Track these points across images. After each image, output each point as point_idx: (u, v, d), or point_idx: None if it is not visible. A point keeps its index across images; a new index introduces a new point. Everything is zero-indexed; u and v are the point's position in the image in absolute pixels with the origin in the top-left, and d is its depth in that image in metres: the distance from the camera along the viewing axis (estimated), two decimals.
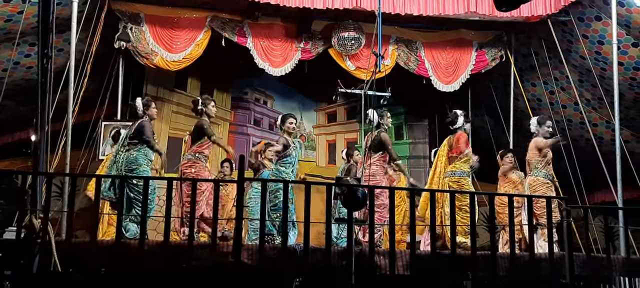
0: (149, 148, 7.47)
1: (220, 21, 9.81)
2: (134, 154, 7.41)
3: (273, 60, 10.01)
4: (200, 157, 7.73)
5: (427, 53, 10.44)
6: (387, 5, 9.00)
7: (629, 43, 8.96)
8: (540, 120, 8.28)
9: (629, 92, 9.60)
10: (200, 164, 7.69)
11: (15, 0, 8.06)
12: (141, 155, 7.42)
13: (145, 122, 7.55)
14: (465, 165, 7.96)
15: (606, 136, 10.32)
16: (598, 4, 8.93)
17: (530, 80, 10.78)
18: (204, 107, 7.86)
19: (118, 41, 9.38)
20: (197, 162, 7.69)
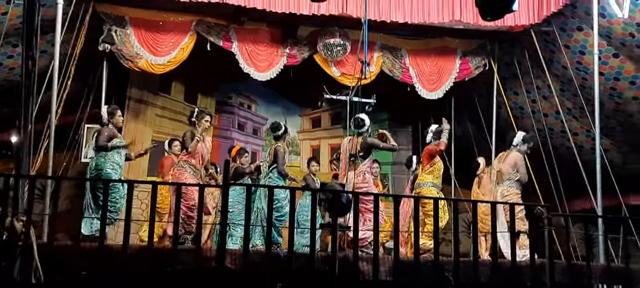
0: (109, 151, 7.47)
1: (206, 25, 9.81)
2: (98, 161, 7.47)
3: (258, 65, 10.02)
4: (185, 166, 7.75)
5: (412, 60, 10.51)
6: (372, 13, 9.03)
7: (609, 53, 9.09)
8: (526, 138, 8.36)
9: (609, 101, 9.73)
10: (185, 174, 7.69)
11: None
12: (101, 161, 7.44)
13: (101, 129, 7.62)
14: (429, 177, 8.15)
15: (586, 145, 10.45)
16: (580, 15, 9.05)
17: (513, 88, 10.89)
18: (196, 120, 7.89)
19: (102, 43, 9.35)
20: (182, 171, 7.71)
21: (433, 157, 8.22)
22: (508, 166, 8.23)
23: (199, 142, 7.84)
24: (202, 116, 7.94)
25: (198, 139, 7.82)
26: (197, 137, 7.84)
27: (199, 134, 7.87)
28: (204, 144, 7.98)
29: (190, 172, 7.76)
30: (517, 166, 8.12)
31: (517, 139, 8.32)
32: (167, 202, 8.33)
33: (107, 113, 7.66)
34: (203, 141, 7.95)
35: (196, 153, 7.83)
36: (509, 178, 8.18)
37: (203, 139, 7.98)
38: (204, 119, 7.93)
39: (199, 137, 7.84)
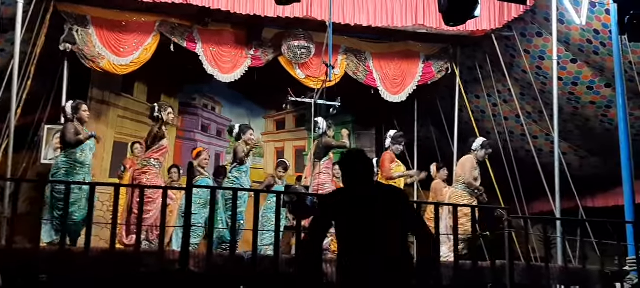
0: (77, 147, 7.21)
1: (170, 26, 9.73)
2: (57, 160, 7.25)
3: (222, 66, 9.98)
4: (155, 163, 7.63)
5: (376, 64, 10.59)
6: (337, 16, 9.08)
7: (568, 59, 9.30)
8: (484, 144, 8.56)
9: (567, 106, 9.96)
10: (153, 170, 7.60)
11: None
12: (62, 160, 7.18)
13: (67, 125, 7.33)
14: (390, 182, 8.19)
15: (545, 148, 10.68)
16: (539, 21, 9.25)
17: (475, 92, 11.06)
18: (160, 114, 7.74)
19: (63, 43, 9.20)
20: (150, 168, 7.60)
21: (392, 162, 8.31)
22: (458, 168, 8.42)
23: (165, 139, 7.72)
24: (165, 109, 7.78)
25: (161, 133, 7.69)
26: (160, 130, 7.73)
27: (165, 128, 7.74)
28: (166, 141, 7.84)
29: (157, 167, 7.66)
30: (463, 168, 8.28)
31: (476, 144, 8.50)
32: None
33: (72, 108, 7.37)
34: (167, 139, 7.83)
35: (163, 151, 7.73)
36: (457, 180, 8.37)
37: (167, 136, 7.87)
38: (167, 112, 7.76)
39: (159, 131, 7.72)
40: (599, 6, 8.19)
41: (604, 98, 9.54)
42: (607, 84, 9.26)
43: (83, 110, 7.41)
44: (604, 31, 8.37)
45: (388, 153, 8.43)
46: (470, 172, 8.27)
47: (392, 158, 8.33)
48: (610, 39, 8.01)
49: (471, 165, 8.33)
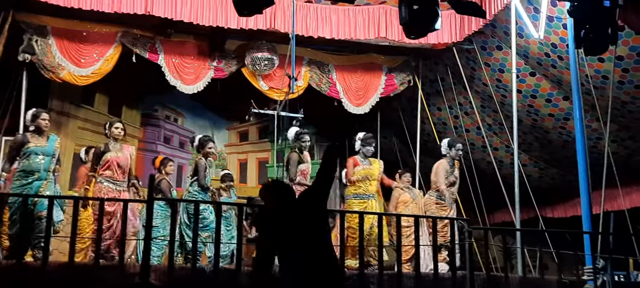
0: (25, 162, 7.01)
1: (132, 37, 9.63)
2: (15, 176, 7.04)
3: (185, 77, 9.91)
4: (102, 180, 7.46)
5: (339, 75, 10.64)
6: (300, 28, 9.10)
7: (527, 72, 9.49)
8: (451, 142, 8.56)
9: (526, 118, 10.14)
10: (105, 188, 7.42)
11: None
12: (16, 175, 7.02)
13: (17, 135, 7.21)
14: (352, 188, 8.20)
15: (506, 160, 10.84)
16: (499, 35, 9.42)
17: (436, 104, 11.19)
18: (107, 130, 7.64)
19: (22, 54, 9.04)
20: (101, 186, 7.43)
21: (355, 166, 8.27)
22: (432, 175, 8.46)
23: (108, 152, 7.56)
24: (112, 124, 7.66)
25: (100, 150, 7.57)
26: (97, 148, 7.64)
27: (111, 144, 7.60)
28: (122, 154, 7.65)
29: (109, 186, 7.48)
30: (436, 174, 8.34)
31: (443, 146, 8.55)
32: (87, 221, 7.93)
33: (31, 116, 7.16)
34: (118, 151, 7.64)
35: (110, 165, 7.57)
36: (431, 187, 8.42)
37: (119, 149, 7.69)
38: (113, 127, 7.61)
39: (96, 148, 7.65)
40: (557, 21, 8.37)
41: (562, 110, 9.75)
42: (565, 97, 9.46)
43: (42, 118, 7.19)
44: (561, 45, 8.55)
45: (351, 158, 8.39)
46: (443, 177, 8.30)
47: (355, 163, 8.31)
48: (567, 53, 8.18)
49: (443, 169, 8.36)
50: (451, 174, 8.40)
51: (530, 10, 8.59)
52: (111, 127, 7.62)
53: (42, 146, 7.05)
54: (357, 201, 8.13)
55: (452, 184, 8.44)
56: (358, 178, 8.14)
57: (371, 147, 8.32)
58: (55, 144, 7.20)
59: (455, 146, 8.49)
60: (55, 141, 7.22)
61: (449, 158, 8.45)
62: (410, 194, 8.83)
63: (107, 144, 7.53)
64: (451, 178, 8.38)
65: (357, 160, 8.27)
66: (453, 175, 8.43)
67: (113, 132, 7.57)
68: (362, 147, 8.30)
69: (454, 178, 8.49)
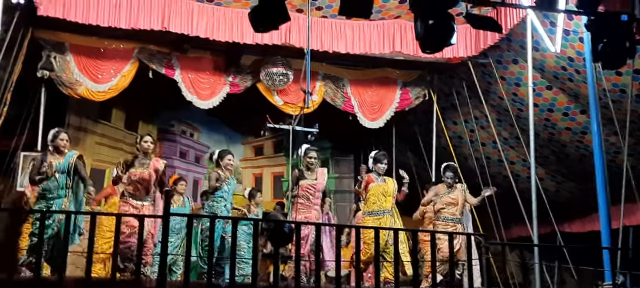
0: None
1: (148, 53, 9.73)
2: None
3: (201, 93, 9.98)
4: (127, 195, 7.51)
5: (353, 90, 10.66)
6: (315, 43, 9.12)
7: (543, 86, 9.44)
8: (444, 168, 8.57)
9: (543, 132, 10.08)
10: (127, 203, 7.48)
11: None
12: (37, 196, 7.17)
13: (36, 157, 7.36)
14: (367, 206, 8.18)
15: (522, 174, 10.76)
16: (515, 48, 9.38)
17: (452, 118, 11.16)
18: (138, 144, 7.64)
19: (41, 70, 9.16)
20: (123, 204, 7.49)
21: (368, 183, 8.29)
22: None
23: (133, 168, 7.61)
24: (141, 138, 7.65)
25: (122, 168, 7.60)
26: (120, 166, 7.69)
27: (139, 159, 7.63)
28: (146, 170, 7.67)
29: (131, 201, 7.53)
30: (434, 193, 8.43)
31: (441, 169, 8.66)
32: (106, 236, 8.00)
33: (51, 136, 7.24)
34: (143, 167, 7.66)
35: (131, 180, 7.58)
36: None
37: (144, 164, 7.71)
38: (142, 141, 7.60)
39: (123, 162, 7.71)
40: (573, 34, 8.33)
41: (580, 124, 9.68)
42: (582, 111, 9.40)
43: (60, 138, 7.27)
44: (578, 58, 8.50)
45: (367, 175, 8.39)
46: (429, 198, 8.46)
47: (369, 180, 8.31)
48: (584, 67, 8.13)
49: (431, 192, 8.50)
50: (446, 196, 8.38)
51: (547, 24, 8.56)
52: (141, 141, 7.63)
53: (59, 163, 7.13)
54: (371, 218, 8.12)
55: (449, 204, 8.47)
56: (372, 195, 8.16)
57: (383, 164, 8.29)
58: (69, 159, 7.24)
59: (445, 174, 8.48)
60: (69, 157, 7.27)
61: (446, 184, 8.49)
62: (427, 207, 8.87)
63: (134, 158, 7.57)
64: (447, 198, 8.39)
65: (372, 178, 8.26)
66: (449, 196, 8.44)
67: (142, 145, 7.58)
68: (374, 165, 8.30)
69: (451, 199, 8.49)
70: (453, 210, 8.36)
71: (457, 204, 8.49)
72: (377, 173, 8.27)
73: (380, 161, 8.29)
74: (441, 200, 8.35)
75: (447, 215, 8.42)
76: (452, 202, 8.38)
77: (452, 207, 8.40)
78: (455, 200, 8.50)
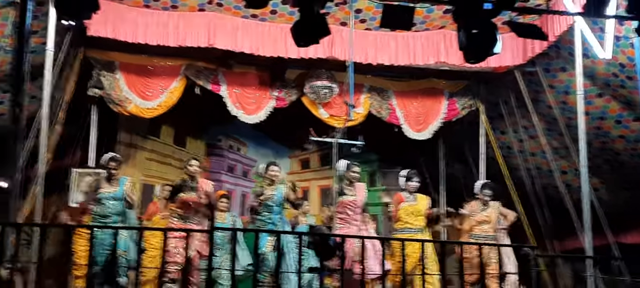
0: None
1: (195, 69, 9.88)
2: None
3: (247, 107, 10.08)
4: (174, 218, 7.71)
5: (399, 102, 10.59)
6: (359, 55, 9.11)
7: (593, 93, 9.18)
8: (482, 185, 8.69)
9: (595, 140, 9.79)
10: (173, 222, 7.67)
11: None
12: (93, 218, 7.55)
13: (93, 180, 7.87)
14: (398, 224, 8.17)
15: (574, 184, 10.44)
16: (564, 56, 9.18)
17: (500, 128, 10.97)
18: (185, 167, 7.92)
19: (92, 89, 9.42)
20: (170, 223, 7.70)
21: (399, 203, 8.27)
22: None
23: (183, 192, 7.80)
24: (188, 161, 7.96)
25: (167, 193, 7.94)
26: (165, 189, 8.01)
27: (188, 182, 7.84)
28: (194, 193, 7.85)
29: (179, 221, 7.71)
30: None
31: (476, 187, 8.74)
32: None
33: (103, 161, 7.80)
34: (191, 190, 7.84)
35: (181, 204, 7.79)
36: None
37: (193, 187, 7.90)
38: (188, 164, 7.89)
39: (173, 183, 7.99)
40: (624, 40, 8.10)
41: (634, 132, 9.37)
42: (635, 118, 9.11)
43: (110, 165, 7.72)
44: (629, 65, 8.26)
45: (397, 195, 8.43)
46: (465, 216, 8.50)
47: (400, 199, 8.33)
48: (636, 73, 7.89)
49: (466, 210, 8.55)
50: (479, 213, 8.39)
51: (596, 30, 8.34)
52: (187, 165, 7.89)
53: (113, 192, 7.48)
54: (402, 236, 8.07)
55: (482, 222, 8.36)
56: (403, 214, 8.14)
57: (414, 182, 8.26)
58: (123, 187, 7.64)
59: (483, 191, 8.54)
60: (124, 183, 7.65)
61: (480, 201, 8.48)
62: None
63: (182, 182, 7.76)
64: (479, 216, 8.29)
65: (402, 197, 8.24)
66: (482, 214, 8.31)
67: (188, 169, 7.84)
68: (405, 183, 8.29)
69: (484, 217, 8.38)
70: (485, 228, 8.30)
71: (490, 222, 8.44)
72: (408, 191, 8.26)
73: (411, 179, 8.29)
74: (474, 217, 8.30)
75: (479, 232, 8.36)
76: (485, 220, 8.33)
77: (485, 224, 8.34)
78: (488, 218, 8.45)
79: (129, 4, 8.69)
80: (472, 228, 8.36)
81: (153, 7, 8.79)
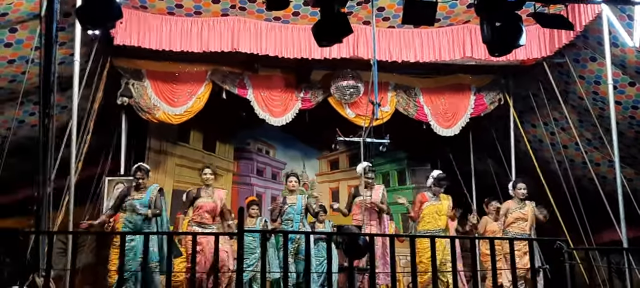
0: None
1: (221, 74, 9.94)
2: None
3: (273, 110, 10.11)
4: (193, 225, 7.89)
5: (426, 98, 10.51)
6: (383, 54, 9.09)
7: (625, 82, 8.99)
8: (513, 183, 8.67)
9: (629, 130, 9.59)
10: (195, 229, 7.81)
11: (18, 62, 8.23)
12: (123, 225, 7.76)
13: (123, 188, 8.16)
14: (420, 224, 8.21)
15: (609, 175, 10.27)
16: (592, 45, 9.00)
17: (530, 121, 10.82)
18: (200, 176, 8.26)
19: (120, 97, 9.54)
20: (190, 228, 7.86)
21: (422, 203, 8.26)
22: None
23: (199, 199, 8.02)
24: (201, 171, 8.33)
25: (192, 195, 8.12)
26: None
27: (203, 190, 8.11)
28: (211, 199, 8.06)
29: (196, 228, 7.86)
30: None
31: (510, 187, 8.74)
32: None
33: (132, 171, 8.06)
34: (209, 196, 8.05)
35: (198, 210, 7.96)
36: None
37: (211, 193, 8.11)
38: (202, 174, 8.24)
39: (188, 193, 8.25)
40: None
41: None
42: None
43: (137, 175, 7.96)
44: None
45: (420, 195, 8.43)
46: (501, 217, 8.46)
47: (423, 199, 8.30)
48: None
49: (504, 208, 8.53)
50: (517, 211, 8.34)
51: (624, 18, 8.15)
52: (201, 174, 8.19)
53: (140, 199, 7.57)
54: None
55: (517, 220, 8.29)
56: (426, 214, 8.11)
57: (442, 188, 8.28)
58: (150, 194, 7.81)
59: (516, 186, 8.52)
60: (151, 192, 7.81)
61: (516, 199, 8.43)
62: (498, 224, 8.73)
63: (199, 190, 7.99)
64: (516, 213, 8.18)
65: (426, 197, 8.23)
66: (520, 211, 8.25)
67: (202, 178, 8.10)
68: (434, 185, 8.28)
69: (522, 214, 8.26)
70: (523, 226, 8.20)
71: (527, 220, 8.32)
72: (432, 192, 8.25)
73: (440, 185, 8.32)
74: (511, 215, 8.20)
75: (516, 230, 8.25)
76: (522, 217, 8.22)
77: (521, 221, 8.22)
78: (525, 215, 8.33)
79: (153, 11, 8.78)
80: (508, 225, 8.25)
81: (177, 14, 8.87)
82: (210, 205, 8.00)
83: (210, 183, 8.17)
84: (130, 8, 8.60)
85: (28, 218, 10.71)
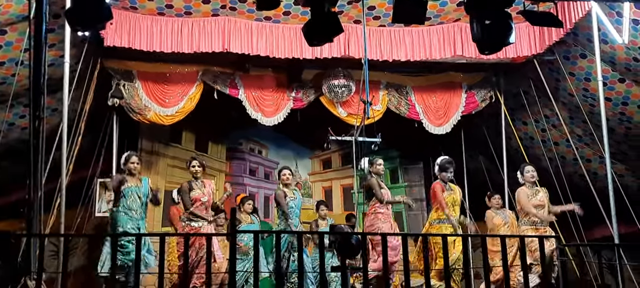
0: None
1: (212, 74, 9.93)
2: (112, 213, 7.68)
3: (265, 110, 10.10)
4: (192, 219, 7.87)
5: (417, 97, 10.54)
6: (374, 53, 9.11)
7: (615, 79, 9.04)
8: (521, 169, 8.47)
9: (619, 126, 9.65)
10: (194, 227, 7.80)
11: (8, 64, 8.20)
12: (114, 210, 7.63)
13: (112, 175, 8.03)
14: (436, 214, 8.05)
15: (600, 171, 10.32)
16: (582, 43, 9.04)
17: (521, 119, 10.86)
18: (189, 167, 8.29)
19: (111, 98, 9.51)
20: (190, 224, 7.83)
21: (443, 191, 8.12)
22: (516, 205, 8.29)
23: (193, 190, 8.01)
24: (189, 163, 8.28)
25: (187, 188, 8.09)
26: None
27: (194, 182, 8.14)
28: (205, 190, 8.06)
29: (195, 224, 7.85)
30: (519, 202, 8.21)
31: (518, 174, 8.48)
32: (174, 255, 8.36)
33: (123, 159, 7.84)
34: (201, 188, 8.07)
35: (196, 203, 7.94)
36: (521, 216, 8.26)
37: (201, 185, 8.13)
38: (190, 166, 8.21)
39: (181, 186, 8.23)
40: None
41: None
42: None
43: (131, 161, 7.76)
44: None
45: (437, 183, 8.25)
46: (526, 202, 8.14)
47: (442, 188, 8.17)
48: None
49: (524, 195, 8.21)
50: (534, 198, 8.18)
51: (613, 15, 8.20)
52: (190, 166, 8.18)
53: (137, 186, 7.57)
54: (444, 226, 7.98)
55: (537, 207, 8.21)
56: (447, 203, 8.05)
57: (449, 173, 8.15)
58: (147, 185, 7.77)
59: (524, 171, 8.34)
60: (147, 182, 7.79)
61: (528, 184, 8.26)
62: (502, 217, 8.74)
63: (190, 182, 7.96)
64: (534, 201, 8.12)
65: (442, 185, 8.13)
66: (536, 199, 8.16)
67: (191, 170, 8.15)
68: (440, 172, 8.18)
69: (539, 202, 8.21)
70: (541, 213, 8.13)
71: (544, 206, 8.26)
72: (443, 181, 8.15)
73: (446, 169, 8.16)
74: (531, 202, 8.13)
75: (536, 218, 8.15)
76: (540, 204, 8.16)
77: (540, 209, 8.17)
78: (542, 202, 8.27)
79: (143, 12, 8.75)
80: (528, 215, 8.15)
81: (167, 15, 8.85)
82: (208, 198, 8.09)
83: (199, 175, 8.17)
84: (120, 9, 8.57)
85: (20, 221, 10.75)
